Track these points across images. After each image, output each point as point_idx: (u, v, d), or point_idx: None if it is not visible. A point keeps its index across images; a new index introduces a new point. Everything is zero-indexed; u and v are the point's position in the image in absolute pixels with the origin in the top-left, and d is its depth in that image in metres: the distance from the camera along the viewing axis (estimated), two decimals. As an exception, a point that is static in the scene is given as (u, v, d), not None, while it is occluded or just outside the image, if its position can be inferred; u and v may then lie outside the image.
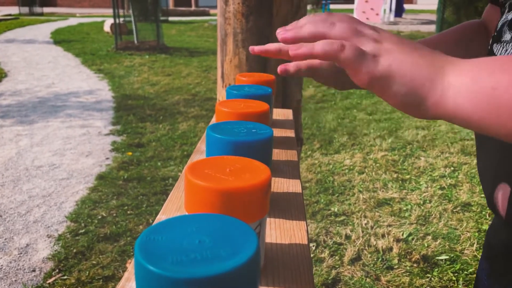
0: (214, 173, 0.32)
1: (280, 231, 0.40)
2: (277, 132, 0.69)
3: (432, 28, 12.23)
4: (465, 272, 1.89)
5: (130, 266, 0.33)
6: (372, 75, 0.36)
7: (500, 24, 0.53)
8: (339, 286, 1.82)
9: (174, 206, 0.45)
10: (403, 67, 0.36)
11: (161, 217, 0.42)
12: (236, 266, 0.20)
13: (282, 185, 0.50)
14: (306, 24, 0.40)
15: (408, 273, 1.88)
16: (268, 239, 0.39)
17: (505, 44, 0.50)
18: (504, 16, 0.52)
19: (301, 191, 0.48)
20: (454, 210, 2.40)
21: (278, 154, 0.60)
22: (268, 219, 0.42)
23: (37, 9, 20.77)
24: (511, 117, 0.31)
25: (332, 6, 21.32)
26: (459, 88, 0.33)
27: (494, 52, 0.52)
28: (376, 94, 0.38)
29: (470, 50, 0.68)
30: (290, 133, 0.70)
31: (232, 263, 0.21)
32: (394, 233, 2.18)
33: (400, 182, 2.78)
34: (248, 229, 0.24)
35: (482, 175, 0.59)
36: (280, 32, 0.41)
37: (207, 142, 0.43)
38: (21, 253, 2.00)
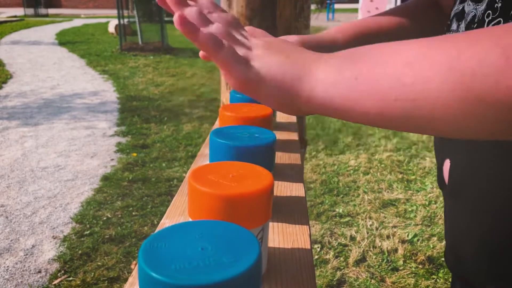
0: (217, 179, 0.32)
1: (283, 236, 0.40)
2: (281, 135, 0.70)
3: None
4: (470, 273, 1.88)
5: (134, 270, 0.33)
6: (245, 79, 0.37)
7: (452, 13, 0.54)
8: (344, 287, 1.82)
9: (177, 211, 0.45)
10: (272, 70, 0.37)
11: (164, 221, 0.43)
12: (237, 273, 0.21)
13: (285, 188, 0.50)
14: (192, 10, 0.40)
15: (413, 274, 1.88)
16: (270, 244, 0.39)
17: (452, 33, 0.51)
18: (455, 7, 0.54)
19: (304, 195, 0.49)
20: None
21: (282, 157, 0.60)
22: (271, 224, 0.42)
23: (42, 11, 20.89)
24: (373, 103, 0.31)
25: (336, 6, 21.28)
26: (327, 82, 0.34)
27: None
28: (250, 96, 0.39)
29: (423, 25, 0.68)
30: (294, 136, 0.70)
31: (233, 270, 0.21)
32: (399, 234, 2.17)
33: (405, 182, 2.77)
34: (250, 236, 0.24)
35: (435, 151, 0.61)
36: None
37: (210, 147, 0.44)
38: (26, 254, 2.01)
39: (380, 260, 1.98)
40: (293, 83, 0.36)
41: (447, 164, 0.55)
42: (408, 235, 2.16)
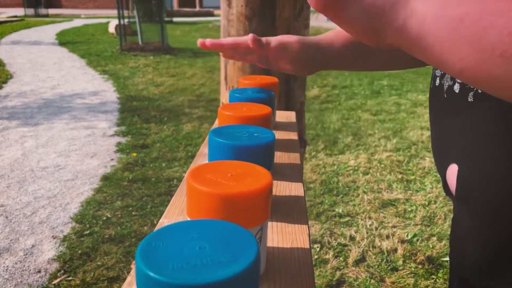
0: (215, 178, 0.32)
1: (282, 235, 0.40)
2: (280, 135, 0.70)
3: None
4: (470, 273, 1.88)
5: (132, 270, 0.33)
6: None
7: None
8: (343, 287, 1.82)
9: (176, 210, 0.45)
10: None
11: (163, 221, 0.43)
12: (235, 273, 0.21)
13: (285, 188, 0.50)
14: None
15: (413, 275, 1.88)
16: (269, 243, 0.39)
17: None
18: None
19: (303, 195, 0.49)
20: (459, 211, 2.39)
21: (281, 157, 0.60)
22: (269, 223, 0.42)
23: (42, 11, 20.89)
24: (472, 51, 0.29)
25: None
26: (424, 16, 0.31)
27: None
28: (331, 19, 0.35)
29: None
30: (293, 136, 0.70)
31: (231, 269, 0.21)
32: (398, 234, 2.17)
33: (405, 182, 2.77)
34: (248, 235, 0.24)
35: (435, 156, 0.58)
36: None
37: (209, 146, 0.43)
38: (26, 254, 2.01)
39: (380, 260, 1.97)
40: (385, 8, 0.32)
41: (452, 169, 0.53)
42: (407, 235, 2.16)
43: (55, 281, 1.83)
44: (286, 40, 0.62)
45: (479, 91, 0.47)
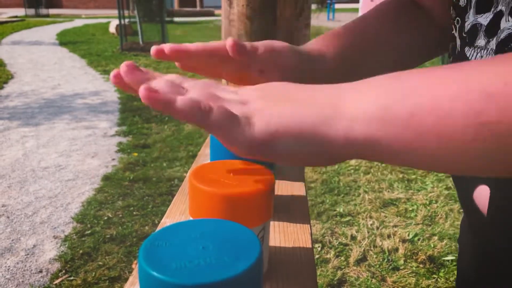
0: (218, 178, 0.32)
1: (284, 235, 0.40)
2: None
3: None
4: (472, 273, 1.88)
5: (135, 270, 0.33)
6: (251, 141, 0.30)
7: (469, 25, 0.45)
8: (345, 287, 1.82)
9: (178, 210, 0.45)
10: (283, 121, 0.30)
11: (165, 220, 0.43)
12: (238, 272, 0.21)
13: (287, 188, 0.50)
14: (160, 81, 0.33)
15: (414, 274, 1.88)
16: (272, 243, 0.39)
17: (479, 49, 0.43)
18: (472, 18, 0.44)
19: (305, 194, 0.49)
20: (461, 210, 2.39)
21: (282, 157, 0.60)
22: (272, 223, 0.42)
23: (43, 11, 20.90)
24: (438, 143, 0.25)
25: (337, 6, 21.27)
26: (368, 123, 0.27)
27: (467, 56, 0.45)
28: (264, 160, 0.31)
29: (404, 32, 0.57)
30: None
31: (235, 269, 0.21)
32: (400, 234, 2.17)
33: (406, 182, 2.77)
34: (251, 235, 0.24)
35: (458, 177, 0.54)
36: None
37: (211, 145, 0.43)
38: (28, 254, 2.01)
39: (381, 260, 1.97)
40: (317, 131, 0.29)
41: (482, 191, 0.48)
42: (408, 235, 2.16)
43: (57, 281, 1.83)
44: (278, 45, 0.50)
45: None
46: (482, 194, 0.48)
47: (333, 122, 0.28)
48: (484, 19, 0.42)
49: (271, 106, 0.31)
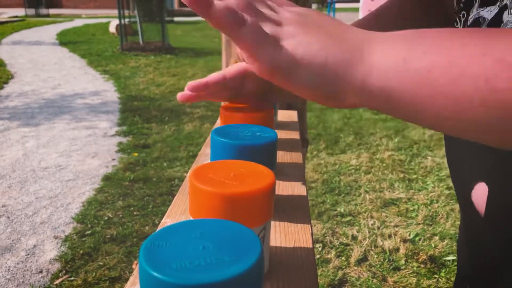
0: (218, 178, 0.32)
1: (285, 235, 0.40)
2: (282, 134, 0.69)
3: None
4: (472, 273, 1.87)
5: (135, 270, 0.33)
6: (274, 63, 0.31)
7: (472, 19, 0.46)
8: (346, 287, 1.82)
9: (179, 210, 0.45)
10: (310, 52, 0.30)
11: (166, 220, 0.43)
12: (239, 272, 0.21)
13: (287, 188, 0.50)
14: None
15: (415, 274, 1.88)
16: (272, 243, 0.39)
17: None
18: (475, 11, 0.45)
19: (306, 194, 0.48)
20: (461, 210, 2.39)
21: (283, 157, 0.60)
22: (272, 223, 0.42)
23: (43, 11, 20.91)
24: (447, 103, 0.26)
25: (337, 5, 21.28)
26: (386, 72, 0.28)
27: None
28: (280, 85, 0.32)
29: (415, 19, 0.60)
30: (295, 135, 0.70)
31: (235, 269, 0.21)
32: (401, 234, 2.17)
33: (407, 182, 2.77)
34: (252, 235, 0.24)
35: (454, 169, 0.55)
36: None
37: (211, 145, 0.43)
38: (28, 254, 2.01)
39: (382, 260, 1.97)
40: (338, 70, 0.29)
41: (480, 188, 0.48)
42: (409, 235, 2.16)
43: (57, 281, 1.83)
44: (247, 69, 0.53)
45: None
46: (480, 193, 0.49)
47: (355, 65, 0.29)
48: (488, 12, 0.43)
49: (303, 33, 0.31)
